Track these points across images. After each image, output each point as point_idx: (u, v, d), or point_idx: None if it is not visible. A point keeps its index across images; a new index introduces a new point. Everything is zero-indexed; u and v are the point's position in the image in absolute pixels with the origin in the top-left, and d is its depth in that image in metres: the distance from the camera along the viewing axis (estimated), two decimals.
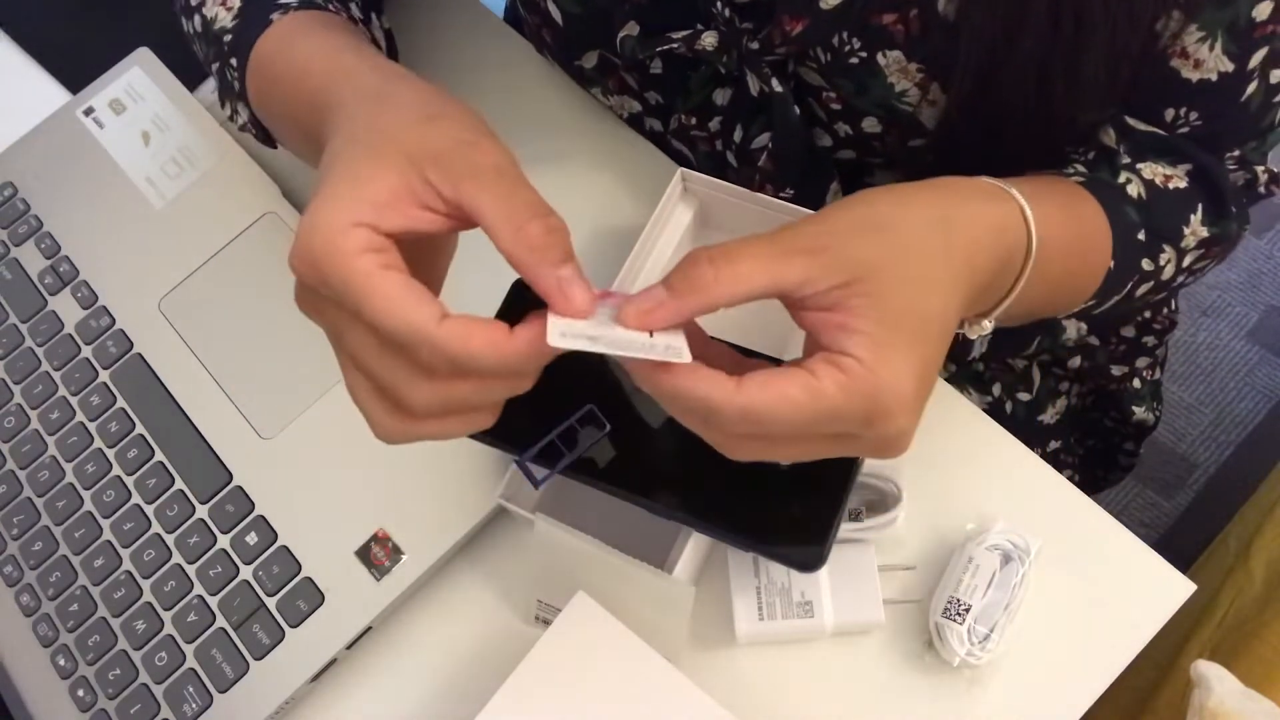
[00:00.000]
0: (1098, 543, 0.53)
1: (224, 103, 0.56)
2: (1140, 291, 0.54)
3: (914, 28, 0.50)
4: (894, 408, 0.35)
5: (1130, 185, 0.52)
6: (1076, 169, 0.53)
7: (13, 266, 0.66)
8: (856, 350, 0.35)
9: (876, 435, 0.36)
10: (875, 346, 0.36)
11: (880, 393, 0.35)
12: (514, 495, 0.52)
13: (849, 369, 0.35)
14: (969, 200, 0.41)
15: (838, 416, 0.35)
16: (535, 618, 0.53)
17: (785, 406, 0.35)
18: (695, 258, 0.36)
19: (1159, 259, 0.53)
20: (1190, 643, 0.81)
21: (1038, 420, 0.74)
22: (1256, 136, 0.54)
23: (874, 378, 0.35)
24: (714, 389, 0.35)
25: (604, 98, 0.65)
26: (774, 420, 0.35)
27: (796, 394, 0.35)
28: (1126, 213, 0.51)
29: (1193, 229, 0.53)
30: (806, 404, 0.35)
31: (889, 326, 0.36)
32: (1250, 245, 1.42)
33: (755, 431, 0.36)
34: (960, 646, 0.49)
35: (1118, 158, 0.53)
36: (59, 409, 0.61)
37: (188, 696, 0.53)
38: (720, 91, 0.58)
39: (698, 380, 0.36)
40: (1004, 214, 0.42)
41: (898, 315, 0.36)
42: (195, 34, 0.57)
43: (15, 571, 0.58)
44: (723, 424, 0.36)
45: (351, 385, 0.38)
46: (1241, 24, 0.48)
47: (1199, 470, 1.31)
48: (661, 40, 0.54)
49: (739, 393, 0.35)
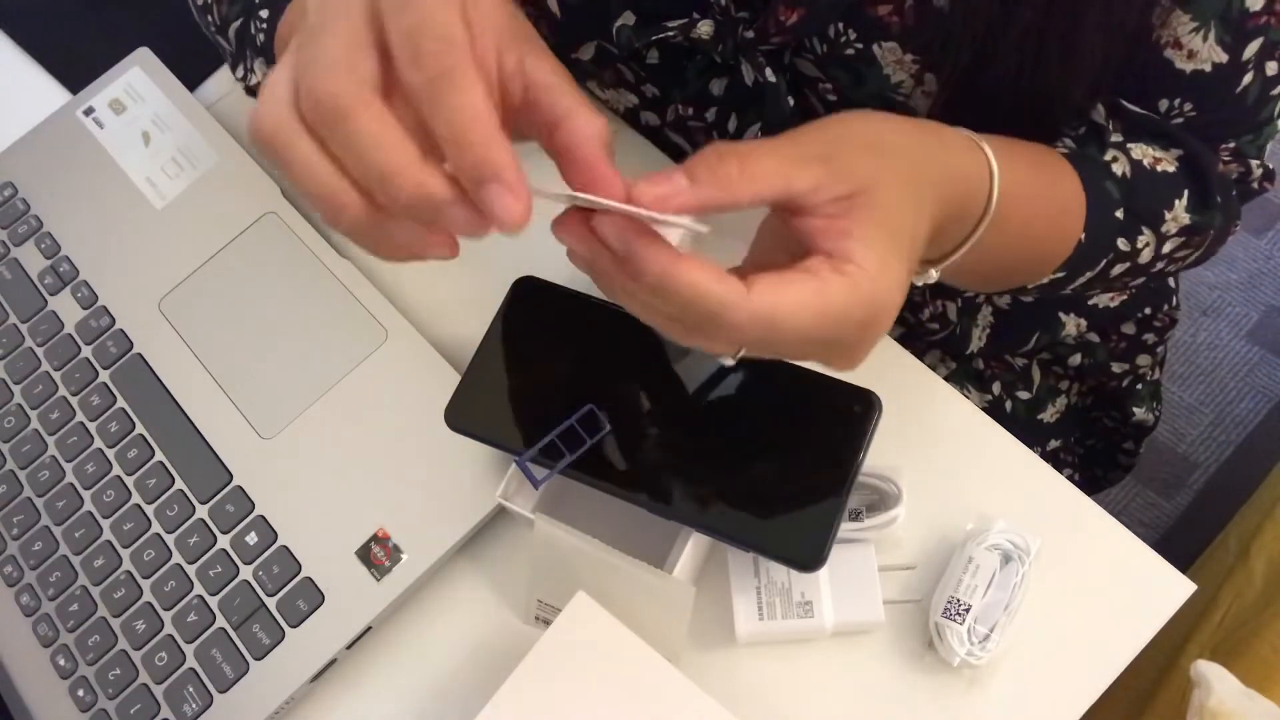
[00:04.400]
0: (1098, 543, 0.53)
1: (236, 66, 0.56)
2: (1115, 272, 0.54)
3: (909, 19, 0.50)
4: (885, 316, 0.37)
5: (1115, 164, 0.52)
6: (1065, 143, 0.53)
7: (13, 266, 0.66)
8: (857, 255, 0.36)
9: (860, 342, 0.37)
10: (875, 254, 0.36)
11: (879, 296, 0.36)
12: (514, 495, 0.52)
13: (852, 274, 0.36)
14: (942, 149, 0.43)
15: (843, 320, 0.35)
16: (535, 618, 0.53)
17: (797, 309, 0.35)
18: (720, 151, 0.36)
19: (1136, 241, 0.53)
20: (1190, 643, 0.82)
21: (1038, 419, 0.74)
22: (1252, 130, 0.54)
23: (876, 284, 0.36)
24: (727, 290, 0.34)
25: (600, 91, 0.65)
26: (786, 324, 0.35)
27: (808, 297, 0.35)
28: (1106, 188, 0.51)
29: (1175, 214, 0.53)
30: (816, 306, 0.35)
31: (887, 236, 0.37)
32: (1250, 245, 1.42)
33: (766, 336, 0.35)
34: (960, 646, 0.49)
35: (1107, 134, 0.53)
36: (59, 409, 0.61)
37: (188, 696, 0.53)
38: (716, 81, 0.59)
39: (711, 277, 0.34)
40: (968, 166, 0.43)
41: (895, 230, 0.37)
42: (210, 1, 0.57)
43: (15, 571, 0.58)
44: (731, 327, 0.35)
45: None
46: (1234, 13, 0.48)
47: (1199, 470, 1.31)
48: (657, 29, 0.54)
49: (752, 294, 0.34)
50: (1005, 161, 0.44)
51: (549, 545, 0.49)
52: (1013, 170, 0.44)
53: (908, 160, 0.40)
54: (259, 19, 0.52)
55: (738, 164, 0.35)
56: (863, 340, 0.37)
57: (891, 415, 0.46)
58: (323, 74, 0.32)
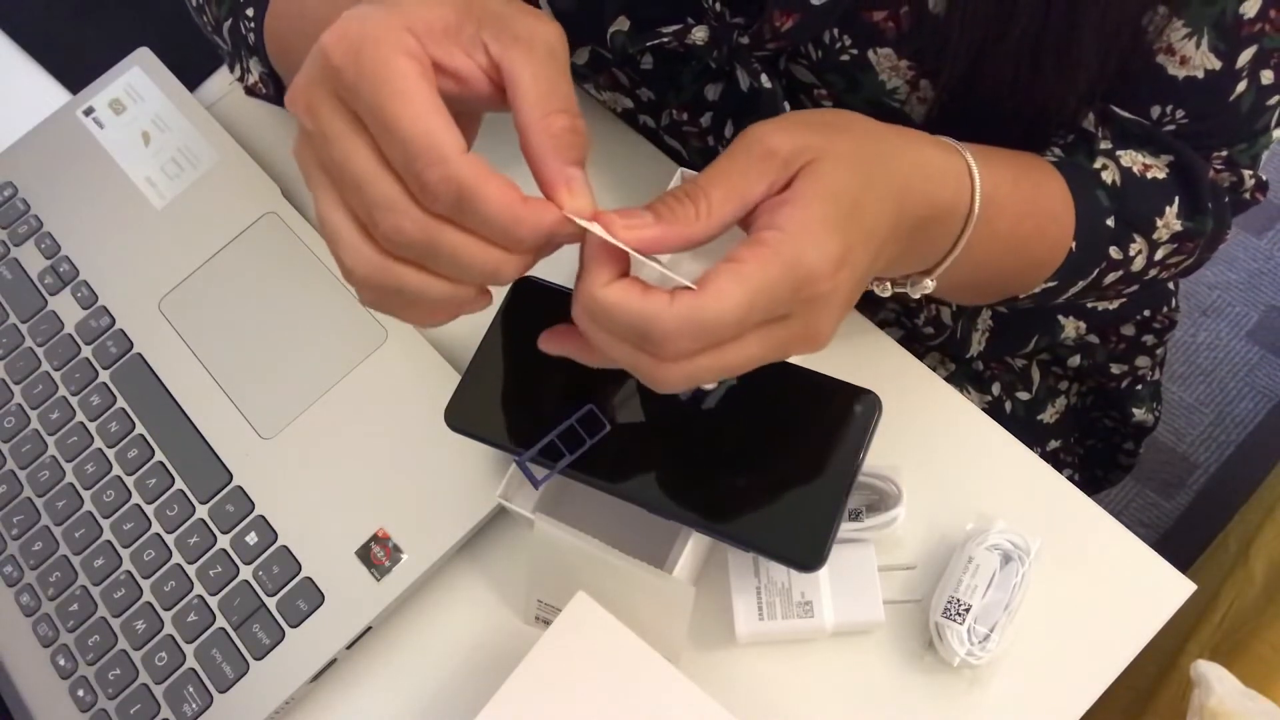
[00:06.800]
0: (1098, 543, 0.53)
1: (233, 66, 0.56)
2: (1108, 280, 0.54)
3: (904, 25, 0.50)
4: (817, 271, 0.35)
5: (1105, 171, 0.52)
6: (1053, 151, 0.53)
7: (13, 266, 0.66)
8: (783, 221, 0.35)
9: (805, 309, 0.36)
10: (801, 215, 0.35)
11: (802, 255, 0.35)
12: (514, 495, 0.52)
13: (769, 240, 0.35)
14: (917, 146, 0.42)
15: (769, 292, 0.34)
16: (535, 618, 0.53)
17: (721, 303, 0.34)
18: (675, 195, 0.37)
19: (1129, 249, 0.53)
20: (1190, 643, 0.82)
21: (1037, 420, 0.74)
22: (1246, 139, 0.54)
23: (795, 242, 0.35)
24: (650, 301, 0.34)
25: (596, 94, 0.65)
26: (716, 323, 0.34)
27: (727, 285, 0.34)
28: (1096, 197, 0.51)
29: (1166, 221, 0.53)
30: (737, 293, 0.34)
31: (820, 198, 0.36)
32: (1250, 245, 1.42)
33: (697, 341, 0.35)
34: (960, 646, 0.49)
35: (1096, 142, 0.53)
36: (59, 409, 0.61)
37: (188, 696, 0.53)
38: (711, 87, 0.59)
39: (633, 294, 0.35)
40: (945, 165, 0.42)
41: (834, 192, 0.36)
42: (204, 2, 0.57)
43: (15, 571, 0.58)
44: (662, 341, 0.34)
45: (325, 208, 0.35)
46: (1228, 20, 0.48)
47: (1199, 470, 1.31)
48: (652, 35, 0.54)
49: (675, 302, 0.34)
50: (985, 165, 0.44)
51: (549, 545, 0.49)
52: (994, 173, 0.44)
53: (859, 134, 0.39)
54: (245, 17, 0.52)
55: (693, 207, 0.36)
56: (810, 310, 0.36)
57: (891, 415, 0.46)
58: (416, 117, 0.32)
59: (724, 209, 0.36)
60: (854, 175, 0.37)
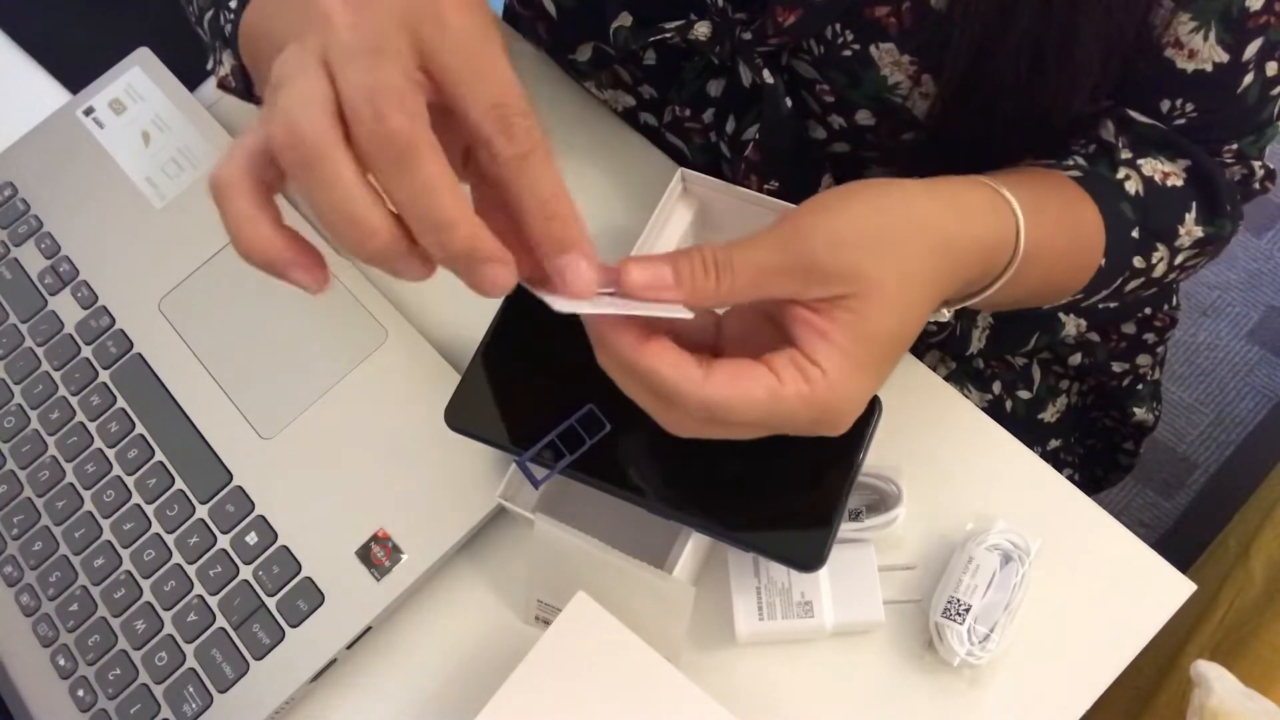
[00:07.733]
0: (1098, 543, 0.53)
1: (209, 56, 0.56)
2: (1130, 287, 0.54)
3: (906, 20, 0.50)
4: (843, 419, 0.38)
5: (1129, 181, 0.52)
6: (1076, 161, 0.53)
7: (13, 266, 0.66)
8: (825, 362, 0.37)
9: (821, 427, 0.38)
10: (844, 363, 0.37)
11: (835, 404, 0.37)
12: (514, 495, 0.52)
13: (814, 380, 0.37)
14: (972, 219, 0.42)
15: (792, 420, 0.37)
16: (535, 618, 0.53)
17: (746, 405, 0.36)
18: (704, 260, 0.37)
19: (1151, 257, 0.53)
20: (1190, 643, 0.82)
21: (1038, 419, 0.74)
22: (1253, 131, 0.54)
23: (834, 393, 0.37)
24: (683, 378, 0.36)
25: (598, 92, 0.65)
26: (732, 416, 0.37)
27: (760, 395, 0.36)
28: (1122, 210, 0.51)
29: (1187, 228, 0.53)
30: (765, 404, 0.37)
31: (864, 345, 0.37)
32: (1250, 245, 1.42)
33: (711, 419, 0.37)
34: (960, 646, 0.49)
35: (1117, 152, 0.53)
36: (59, 409, 0.61)
37: (188, 696, 0.53)
38: (714, 82, 0.59)
39: (668, 364, 0.37)
40: (1000, 235, 0.42)
41: (875, 335, 0.38)
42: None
43: (15, 571, 0.58)
44: (681, 410, 0.37)
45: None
46: (1234, 13, 0.48)
47: (1199, 470, 1.31)
48: (654, 30, 0.54)
49: (706, 384, 0.36)
50: (1033, 216, 0.43)
51: (549, 545, 0.49)
52: (1040, 226, 0.44)
53: (917, 250, 0.39)
54: (228, 9, 0.52)
55: (714, 280, 0.37)
56: (813, 430, 0.39)
57: (891, 415, 0.46)
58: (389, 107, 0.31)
59: (744, 293, 0.38)
60: (899, 313, 0.38)
